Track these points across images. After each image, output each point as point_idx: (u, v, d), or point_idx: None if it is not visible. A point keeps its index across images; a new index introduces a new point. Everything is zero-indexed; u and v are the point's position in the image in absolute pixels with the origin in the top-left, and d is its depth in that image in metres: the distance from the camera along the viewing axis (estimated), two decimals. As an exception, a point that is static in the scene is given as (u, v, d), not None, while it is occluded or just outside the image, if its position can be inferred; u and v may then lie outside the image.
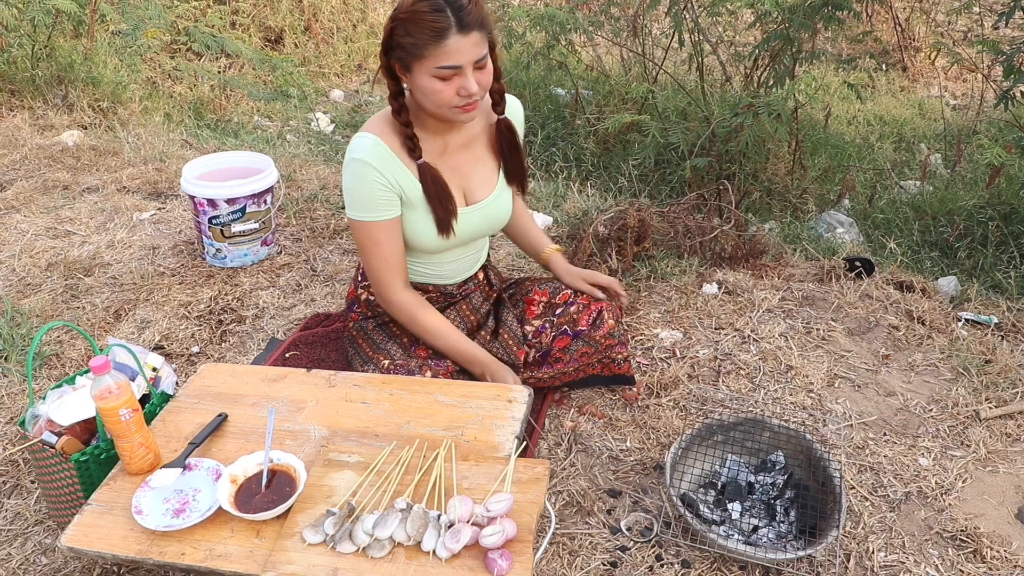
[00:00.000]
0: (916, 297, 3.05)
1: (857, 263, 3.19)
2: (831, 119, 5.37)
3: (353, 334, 2.36)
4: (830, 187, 4.72)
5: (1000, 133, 5.32)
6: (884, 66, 7.08)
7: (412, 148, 1.99)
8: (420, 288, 2.29)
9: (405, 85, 1.95)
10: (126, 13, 5.90)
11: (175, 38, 6.87)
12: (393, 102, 1.99)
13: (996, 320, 2.95)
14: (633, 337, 2.77)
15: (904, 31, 7.25)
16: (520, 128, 2.22)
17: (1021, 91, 4.03)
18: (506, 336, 2.30)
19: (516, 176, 2.24)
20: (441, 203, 2.05)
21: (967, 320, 2.96)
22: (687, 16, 4.49)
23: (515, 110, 2.20)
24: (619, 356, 2.38)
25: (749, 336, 2.77)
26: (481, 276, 2.42)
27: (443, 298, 2.34)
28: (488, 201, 2.18)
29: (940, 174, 4.88)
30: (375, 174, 1.97)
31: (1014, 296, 3.18)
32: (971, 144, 4.80)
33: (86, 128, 5.26)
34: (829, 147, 5.22)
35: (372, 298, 2.32)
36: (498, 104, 2.08)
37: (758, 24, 4.61)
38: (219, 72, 6.91)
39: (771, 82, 4.34)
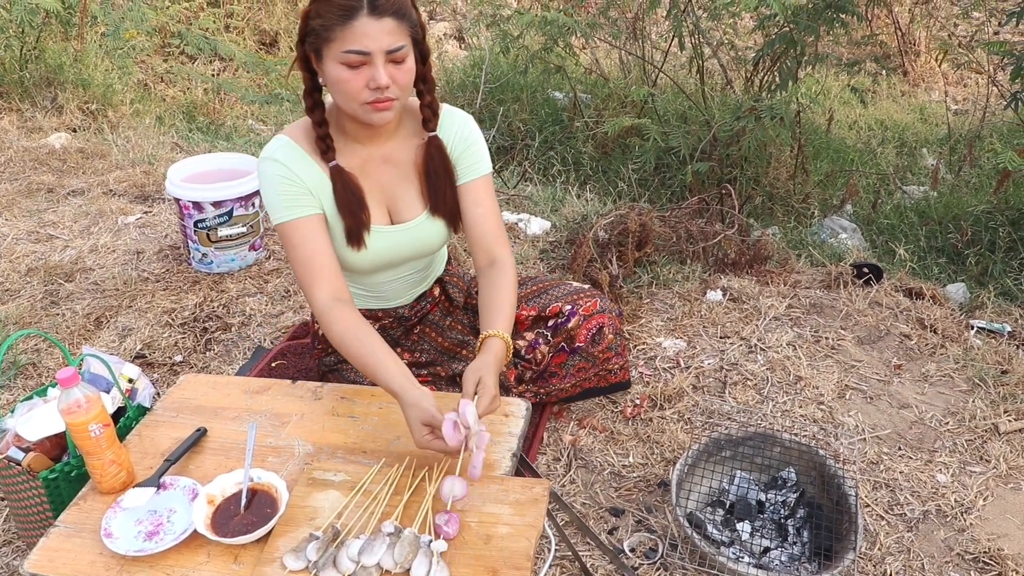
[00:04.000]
0: (926, 304, 2.95)
1: (865, 269, 3.10)
2: (833, 123, 5.29)
3: (322, 371, 2.23)
4: (833, 192, 4.63)
5: (1004, 137, 5.24)
6: (885, 71, 7.00)
7: (325, 149, 1.82)
8: (370, 316, 2.11)
9: (321, 80, 1.77)
10: (108, 13, 5.80)
11: (167, 41, 6.78)
12: (307, 98, 1.81)
13: (1009, 328, 2.86)
14: (635, 346, 2.66)
15: (905, 35, 7.18)
16: (464, 147, 1.92)
17: (1030, 94, 3.94)
18: None
19: (443, 206, 1.94)
20: (351, 211, 1.85)
21: (980, 328, 2.86)
22: (687, 19, 4.41)
23: (458, 128, 1.91)
24: (615, 366, 2.26)
25: (756, 345, 2.67)
26: (437, 291, 2.20)
27: (398, 324, 2.16)
28: (413, 224, 1.94)
29: (944, 179, 4.79)
30: (283, 170, 1.81)
31: (1027, 304, 3.09)
32: (980, 148, 4.71)
33: (75, 131, 5.16)
34: (831, 151, 5.13)
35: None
36: (429, 121, 1.86)
37: (760, 29, 4.53)
38: (213, 75, 6.81)
39: (773, 85, 4.26)
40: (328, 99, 1.82)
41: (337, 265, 1.86)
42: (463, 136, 1.91)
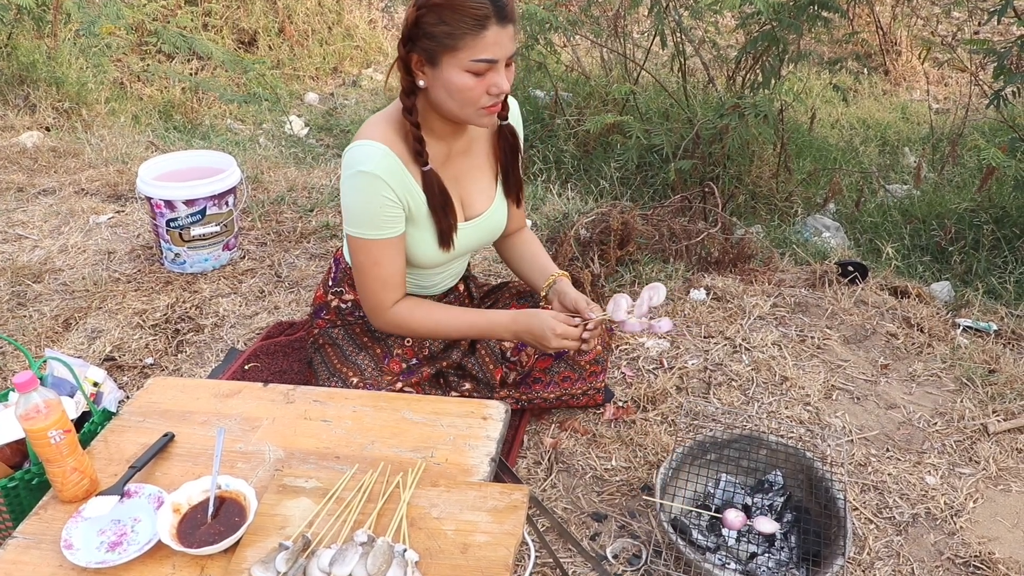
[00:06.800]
0: (912, 303, 2.92)
1: (850, 267, 3.06)
2: (815, 122, 5.27)
3: (320, 342, 2.18)
4: (816, 190, 4.61)
5: (986, 136, 5.23)
6: (867, 69, 7.00)
7: (419, 153, 1.81)
8: None
9: (421, 83, 1.76)
10: (82, 10, 5.69)
11: (144, 39, 6.67)
12: (406, 99, 1.79)
13: (996, 327, 2.83)
14: (617, 347, 2.61)
15: (886, 34, 7.18)
16: (520, 131, 2.04)
17: (1012, 91, 3.93)
18: (483, 352, 2.14)
19: (515, 187, 2.07)
20: (444, 214, 1.89)
21: (966, 327, 2.83)
22: (669, 17, 4.37)
23: (516, 113, 2.02)
24: (601, 384, 2.25)
25: (740, 345, 2.62)
26: (462, 288, 2.26)
27: None
28: (487, 214, 2.02)
29: (927, 177, 4.78)
30: (385, 189, 1.78)
31: (1012, 302, 3.06)
32: (963, 146, 4.70)
33: (48, 129, 5.05)
34: (814, 150, 5.11)
35: (343, 306, 2.15)
36: (503, 108, 1.92)
37: (742, 27, 4.51)
38: (190, 74, 6.72)
39: (756, 83, 4.23)
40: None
41: (404, 277, 1.93)
42: (517, 119, 2.01)
